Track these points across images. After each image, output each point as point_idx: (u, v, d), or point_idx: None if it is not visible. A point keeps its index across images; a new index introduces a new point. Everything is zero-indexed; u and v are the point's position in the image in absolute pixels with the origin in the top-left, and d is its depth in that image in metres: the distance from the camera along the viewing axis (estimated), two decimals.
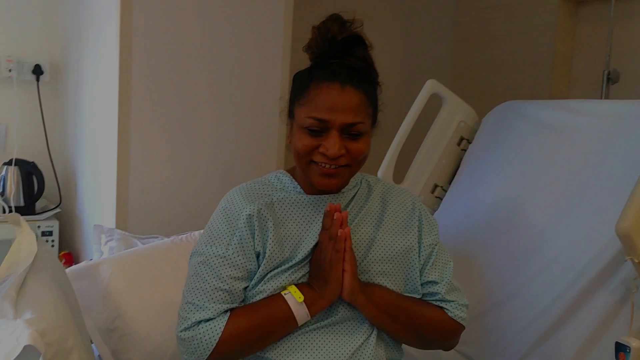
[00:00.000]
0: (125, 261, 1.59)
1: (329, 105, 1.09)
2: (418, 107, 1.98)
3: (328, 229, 1.13)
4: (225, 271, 1.13)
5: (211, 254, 1.14)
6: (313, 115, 1.10)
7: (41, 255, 1.26)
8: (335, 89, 1.10)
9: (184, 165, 2.00)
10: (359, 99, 1.11)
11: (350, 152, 1.12)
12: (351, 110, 1.10)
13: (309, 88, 1.12)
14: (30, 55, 2.40)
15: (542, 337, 1.45)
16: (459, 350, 1.66)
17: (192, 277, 1.16)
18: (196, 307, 1.11)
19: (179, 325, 1.13)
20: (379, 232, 1.22)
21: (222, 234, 1.16)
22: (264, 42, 2.07)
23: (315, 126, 1.10)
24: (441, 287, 1.23)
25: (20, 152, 2.32)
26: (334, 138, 1.10)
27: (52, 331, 0.93)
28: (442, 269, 1.25)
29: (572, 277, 1.45)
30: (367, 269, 1.19)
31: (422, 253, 1.24)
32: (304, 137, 1.12)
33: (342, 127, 1.10)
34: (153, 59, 1.90)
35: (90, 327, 1.50)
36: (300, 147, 1.12)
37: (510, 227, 1.70)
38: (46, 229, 2.26)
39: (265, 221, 1.15)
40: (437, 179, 2.07)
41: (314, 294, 1.13)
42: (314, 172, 1.13)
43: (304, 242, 1.16)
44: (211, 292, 1.12)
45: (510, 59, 2.63)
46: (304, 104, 1.12)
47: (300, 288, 1.13)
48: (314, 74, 1.14)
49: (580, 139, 1.66)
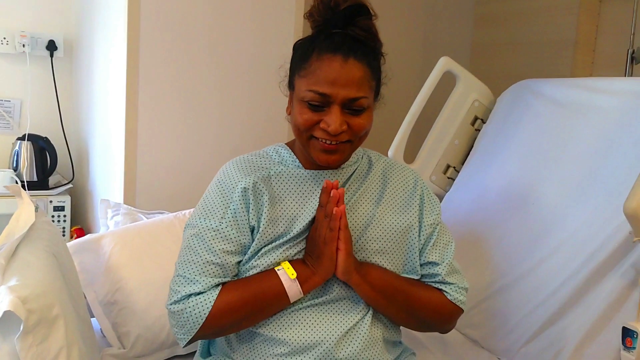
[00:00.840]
0: (127, 235, 1.58)
1: (330, 79, 1.05)
2: (430, 84, 1.92)
3: (324, 205, 1.10)
4: (217, 245, 1.10)
5: (204, 227, 1.12)
6: (314, 88, 1.06)
7: (38, 226, 1.26)
8: (338, 62, 1.05)
9: (191, 141, 1.99)
10: (362, 72, 1.06)
11: (352, 127, 1.08)
12: (354, 84, 1.05)
13: (310, 59, 1.08)
14: (44, 30, 2.41)
15: (548, 321, 1.41)
16: (464, 333, 1.63)
17: (185, 249, 1.14)
18: (187, 280, 1.10)
19: (169, 297, 1.11)
20: (378, 210, 1.18)
21: (216, 207, 1.13)
22: (274, 17, 2.04)
23: (316, 100, 1.06)
24: (441, 269, 1.19)
25: (33, 128, 2.34)
26: (336, 113, 1.06)
27: (35, 298, 0.92)
28: (443, 250, 1.21)
29: (582, 260, 1.40)
30: (364, 247, 1.16)
31: (422, 233, 1.20)
32: (304, 111, 1.08)
33: (344, 101, 1.06)
34: (161, 36, 1.88)
35: (92, 300, 1.50)
36: (300, 122, 1.09)
37: (522, 208, 1.65)
38: (58, 204, 2.27)
39: (261, 195, 1.13)
40: (449, 160, 2.02)
41: (307, 271, 1.10)
42: (314, 147, 1.10)
43: (300, 217, 1.13)
44: (203, 265, 1.10)
45: (533, 38, 2.55)
46: (305, 76, 1.08)
47: (293, 264, 1.10)
48: (315, 44, 1.09)
49: (596, 118, 1.59)
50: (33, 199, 2.14)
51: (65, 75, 2.49)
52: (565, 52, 2.42)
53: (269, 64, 2.04)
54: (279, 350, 1.09)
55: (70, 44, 2.47)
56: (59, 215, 2.27)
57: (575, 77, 2.37)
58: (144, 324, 1.43)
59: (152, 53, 1.87)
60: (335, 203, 1.08)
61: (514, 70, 2.60)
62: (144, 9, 1.84)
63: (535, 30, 2.54)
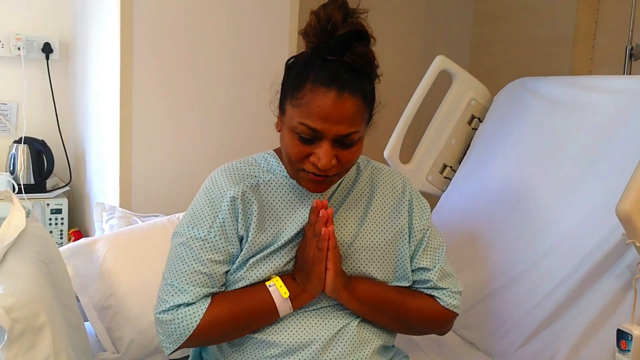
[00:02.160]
0: (121, 239, 1.58)
1: (323, 115, 1.01)
2: (426, 84, 1.91)
3: (313, 225, 1.09)
4: (205, 254, 1.09)
5: (192, 236, 1.11)
6: (306, 122, 1.02)
7: (29, 232, 1.25)
8: (331, 98, 1.00)
9: (186, 144, 1.98)
10: (356, 106, 1.02)
11: (341, 160, 1.05)
12: (347, 120, 1.02)
13: (304, 89, 1.03)
14: (40, 33, 2.40)
15: (544, 322, 1.40)
16: (460, 334, 1.62)
17: (173, 258, 1.13)
18: (175, 289, 1.09)
19: (157, 306, 1.11)
20: (366, 219, 1.17)
21: (204, 216, 1.12)
22: (270, 23, 2.03)
23: (307, 134, 1.03)
24: (433, 274, 1.18)
25: (30, 131, 2.33)
26: (326, 149, 1.02)
27: (20, 308, 0.92)
28: (433, 255, 1.20)
29: (578, 261, 1.39)
30: (353, 257, 1.15)
31: (412, 238, 1.19)
32: (294, 143, 1.05)
33: (335, 137, 1.03)
34: (154, 39, 1.87)
35: (86, 304, 1.50)
36: (291, 153, 1.06)
37: (518, 208, 1.64)
38: (55, 207, 2.27)
39: (250, 204, 1.11)
40: (446, 159, 2.01)
41: (297, 288, 1.09)
42: (303, 178, 1.08)
43: (287, 227, 1.12)
44: (191, 274, 1.09)
45: (532, 35, 2.53)
46: (297, 106, 1.03)
47: (284, 280, 1.09)
48: (309, 71, 1.03)
49: (592, 117, 1.58)
50: (27, 203, 2.14)
51: (62, 77, 2.48)
52: (564, 49, 2.40)
53: (267, 71, 2.03)
54: (269, 353, 1.09)
55: (65, 46, 2.47)
56: (57, 218, 2.27)
57: (574, 73, 2.35)
58: (138, 328, 1.43)
59: (145, 56, 1.87)
60: (323, 223, 1.07)
61: (514, 66, 2.58)
62: (137, 12, 1.83)
63: (535, 27, 2.51)
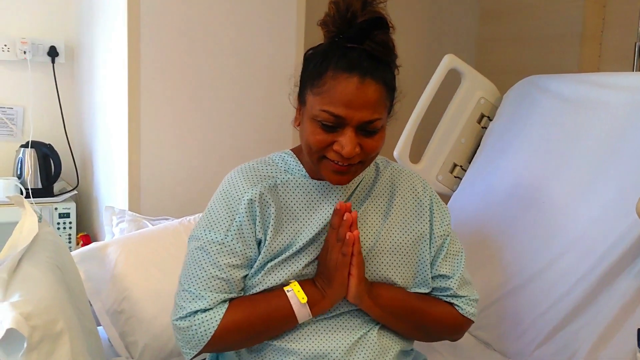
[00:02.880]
0: (133, 243, 1.57)
1: (346, 101, 0.99)
2: (435, 83, 1.90)
3: (336, 228, 1.06)
4: (223, 259, 1.08)
5: (209, 240, 1.09)
6: (328, 109, 1.00)
7: (42, 237, 1.24)
8: (354, 83, 0.99)
9: (195, 147, 1.97)
10: (378, 93, 1.01)
11: (365, 149, 1.04)
12: (370, 107, 1.01)
13: (325, 77, 1.02)
14: (45, 36, 2.40)
15: (561, 322, 1.39)
16: (475, 335, 1.60)
17: (189, 263, 1.11)
18: (192, 295, 1.07)
19: (174, 312, 1.09)
20: (388, 221, 1.15)
21: (221, 219, 1.10)
22: (276, 20, 2.01)
23: (329, 121, 1.01)
24: (453, 282, 1.17)
25: (37, 135, 2.33)
26: (350, 136, 1.01)
27: (39, 314, 0.91)
28: (453, 262, 1.18)
29: (594, 260, 1.37)
30: (375, 261, 1.13)
31: (433, 244, 1.18)
32: (316, 131, 1.03)
33: (359, 124, 1.01)
34: (162, 39, 1.86)
35: (98, 309, 1.49)
36: (312, 142, 1.04)
37: (530, 207, 1.62)
38: (63, 211, 2.26)
39: (267, 206, 1.10)
40: (456, 158, 2.00)
41: (317, 294, 1.07)
42: (325, 167, 1.06)
43: (305, 229, 1.10)
44: (208, 280, 1.07)
45: (538, 32, 2.51)
46: (319, 94, 1.02)
47: (303, 286, 1.07)
48: (330, 60, 1.02)
49: (605, 114, 1.56)
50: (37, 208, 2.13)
51: (67, 81, 2.47)
52: (572, 46, 2.39)
53: (275, 69, 2.02)
54: None
55: (71, 49, 2.46)
56: (65, 222, 2.26)
57: (582, 70, 2.34)
58: (151, 333, 1.42)
59: (153, 56, 1.86)
60: (348, 227, 1.05)
61: (520, 64, 2.57)
62: (144, 12, 1.82)
63: (541, 24, 2.50)
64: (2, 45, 2.32)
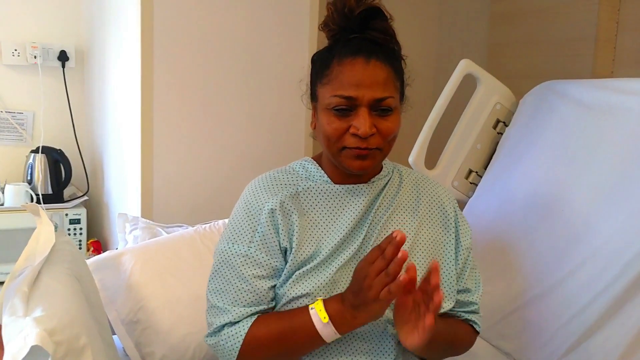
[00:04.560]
0: (148, 251, 1.55)
1: (355, 81, 1.02)
2: (451, 88, 1.88)
3: (383, 248, 0.95)
4: (247, 270, 1.06)
5: (233, 253, 1.08)
6: (339, 93, 1.02)
7: (59, 247, 1.23)
8: (360, 64, 1.02)
9: (208, 153, 1.95)
10: (386, 72, 1.03)
11: (381, 131, 1.04)
12: (379, 85, 1.02)
13: (331, 66, 1.05)
14: (55, 41, 2.38)
15: (585, 333, 1.36)
16: (495, 345, 1.58)
17: (215, 277, 1.10)
18: (220, 310, 1.06)
19: (207, 329, 1.09)
20: (420, 232, 1.14)
21: (244, 231, 1.09)
22: (289, 26, 2.00)
23: (342, 105, 1.02)
24: (477, 297, 1.18)
25: (47, 140, 2.31)
26: (364, 116, 1.02)
27: (62, 330, 0.89)
28: (475, 276, 1.20)
29: (618, 269, 1.35)
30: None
31: (459, 256, 1.17)
32: (331, 120, 1.04)
33: (370, 102, 1.02)
34: (176, 47, 1.85)
35: (113, 319, 1.47)
36: (329, 131, 1.04)
37: (550, 214, 1.60)
38: (74, 217, 2.25)
39: (289, 214, 1.08)
40: (471, 164, 1.98)
41: (345, 313, 0.99)
42: (346, 156, 1.05)
43: (331, 235, 1.09)
44: (234, 293, 1.06)
45: (550, 36, 2.49)
46: (328, 83, 1.05)
47: (329, 303, 1.00)
48: (334, 51, 1.06)
49: (627, 120, 1.54)
50: (49, 214, 2.11)
51: (78, 85, 2.46)
52: (585, 49, 2.36)
53: (288, 74, 2.00)
54: None
55: (81, 54, 2.44)
56: (75, 228, 2.25)
57: (596, 74, 2.32)
58: (168, 343, 1.40)
59: (166, 63, 1.84)
60: (397, 247, 0.93)
61: (532, 69, 2.54)
62: (158, 15, 1.81)
63: (553, 28, 2.48)
64: (12, 50, 2.31)
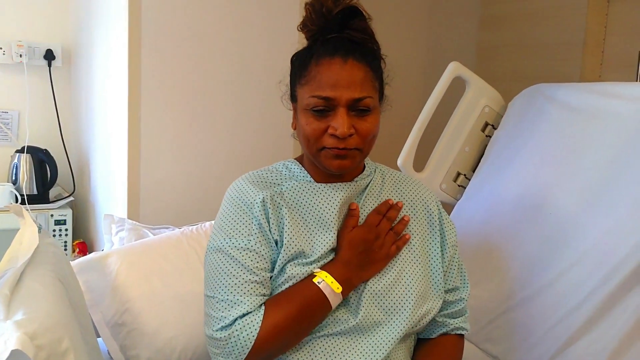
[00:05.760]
0: (134, 253, 1.53)
1: (332, 82, 1.02)
2: (440, 91, 1.88)
3: (383, 213, 1.12)
4: (252, 263, 1.05)
5: (233, 247, 1.06)
6: (316, 94, 1.03)
7: (43, 249, 1.20)
8: (337, 63, 1.03)
9: (196, 155, 1.94)
10: (364, 72, 1.04)
11: (360, 132, 1.04)
12: (357, 85, 1.02)
13: (309, 67, 1.05)
14: (42, 40, 2.36)
15: (573, 336, 1.36)
16: (483, 348, 1.58)
17: (217, 275, 1.07)
18: (231, 303, 1.03)
19: (212, 325, 1.04)
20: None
21: (240, 225, 1.08)
22: (277, 28, 1.99)
23: (320, 105, 1.03)
24: (465, 294, 1.19)
25: (32, 140, 2.29)
26: (342, 116, 1.02)
27: (43, 333, 0.87)
28: (462, 273, 1.21)
29: (606, 272, 1.35)
30: (395, 268, 1.12)
31: (445, 254, 1.17)
32: (310, 120, 1.05)
33: (349, 103, 1.02)
34: (164, 47, 1.83)
35: (98, 321, 1.45)
36: (308, 132, 1.05)
37: (539, 217, 1.60)
38: (59, 218, 2.22)
39: (280, 208, 1.09)
40: (460, 167, 1.98)
41: (351, 276, 1.07)
42: (325, 156, 1.06)
43: (317, 234, 1.09)
44: (243, 285, 1.04)
45: (539, 39, 2.50)
46: (306, 84, 1.05)
47: (334, 272, 1.06)
48: (312, 51, 1.07)
49: (615, 124, 1.55)
50: (35, 215, 2.09)
51: (64, 85, 2.43)
52: (574, 53, 2.38)
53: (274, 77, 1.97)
54: None
55: (68, 53, 2.42)
56: (61, 229, 2.22)
57: (584, 78, 2.33)
58: (154, 346, 1.38)
59: (154, 64, 1.82)
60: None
61: (521, 72, 2.55)
62: (146, 15, 1.79)
63: (543, 32, 2.49)
64: None
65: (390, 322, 1.08)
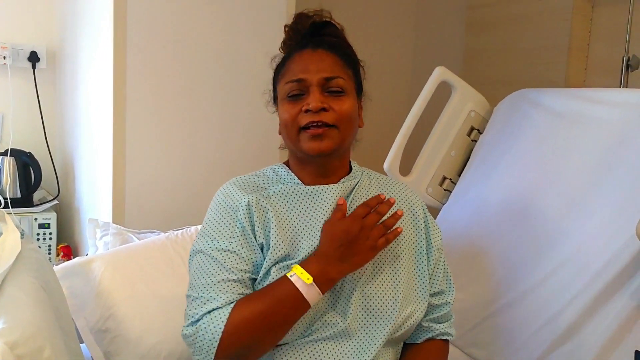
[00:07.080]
0: (118, 258, 1.52)
1: (302, 67, 1.09)
2: (426, 95, 1.89)
3: (372, 206, 1.09)
4: (231, 263, 1.05)
5: (215, 248, 1.07)
6: (289, 79, 1.10)
7: (25, 255, 1.19)
8: (307, 53, 1.11)
9: (182, 159, 1.93)
10: (333, 58, 1.11)
11: (334, 109, 1.08)
12: (327, 67, 1.09)
13: (285, 63, 1.14)
14: (26, 41, 2.33)
15: (556, 340, 1.37)
16: (468, 352, 1.59)
17: (197, 274, 1.07)
18: (203, 300, 1.03)
19: (184, 323, 1.05)
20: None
21: (223, 228, 1.09)
22: (264, 31, 1.98)
23: (294, 89, 1.09)
24: (450, 297, 1.19)
25: (16, 142, 2.26)
26: (314, 93, 1.08)
27: (25, 342, 0.86)
28: (447, 276, 1.21)
29: (589, 277, 1.36)
30: (380, 271, 1.12)
31: (431, 257, 1.18)
32: (286, 107, 1.10)
33: (320, 82, 1.08)
34: (149, 49, 1.82)
35: (82, 327, 1.44)
36: (286, 118, 1.10)
37: (523, 221, 1.61)
38: (43, 222, 2.20)
39: (265, 212, 1.09)
40: (445, 171, 1.99)
41: (328, 270, 1.04)
42: (304, 139, 1.09)
43: (304, 236, 1.09)
44: (219, 283, 1.04)
45: (525, 44, 2.52)
46: (282, 77, 1.13)
47: (308, 267, 1.03)
48: (289, 54, 1.15)
49: (598, 130, 1.56)
50: (18, 218, 2.06)
51: (49, 87, 2.41)
52: (559, 58, 2.40)
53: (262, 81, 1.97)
54: None
55: (53, 55, 2.40)
56: (45, 233, 2.20)
57: (568, 83, 2.35)
58: (138, 353, 1.37)
59: (139, 66, 1.81)
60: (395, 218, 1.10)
61: (507, 76, 2.57)
62: (131, 17, 1.78)
63: (528, 36, 2.51)
64: None
65: (376, 325, 1.09)
